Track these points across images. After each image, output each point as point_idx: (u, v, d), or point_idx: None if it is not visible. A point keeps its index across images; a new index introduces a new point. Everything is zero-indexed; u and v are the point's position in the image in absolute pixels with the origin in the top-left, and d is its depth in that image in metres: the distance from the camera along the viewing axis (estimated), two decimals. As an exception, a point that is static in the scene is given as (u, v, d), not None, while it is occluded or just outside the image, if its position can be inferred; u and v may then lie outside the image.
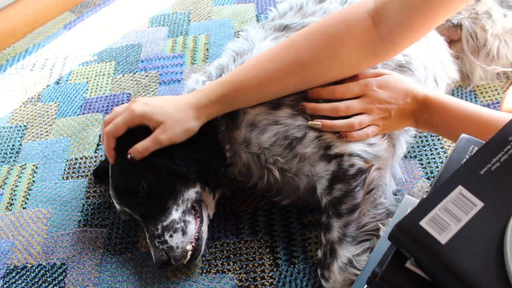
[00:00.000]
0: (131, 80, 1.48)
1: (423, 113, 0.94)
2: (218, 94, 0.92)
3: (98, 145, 1.30)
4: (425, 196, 0.50)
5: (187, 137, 0.94)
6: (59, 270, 1.04)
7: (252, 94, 0.93)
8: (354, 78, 0.96)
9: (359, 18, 0.88)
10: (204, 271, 1.00)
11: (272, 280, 0.97)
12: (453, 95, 1.25)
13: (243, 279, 0.98)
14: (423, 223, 0.46)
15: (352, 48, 0.89)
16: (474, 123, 0.87)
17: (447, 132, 0.93)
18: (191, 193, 0.98)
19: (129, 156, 0.93)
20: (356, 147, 0.92)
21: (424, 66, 1.09)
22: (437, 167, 1.11)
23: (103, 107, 1.41)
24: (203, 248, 0.98)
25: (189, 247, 0.94)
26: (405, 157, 1.14)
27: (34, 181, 1.24)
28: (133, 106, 0.93)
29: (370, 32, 0.88)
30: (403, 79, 0.96)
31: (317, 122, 0.93)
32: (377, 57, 0.93)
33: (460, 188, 0.48)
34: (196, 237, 0.96)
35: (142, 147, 0.92)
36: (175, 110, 0.92)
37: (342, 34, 0.89)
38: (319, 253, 0.92)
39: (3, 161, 1.31)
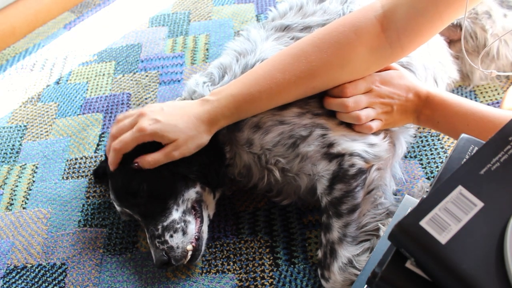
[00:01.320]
0: (131, 80, 1.48)
1: (424, 109, 0.94)
2: (231, 108, 0.91)
3: (98, 145, 1.30)
4: (425, 196, 0.50)
5: (197, 150, 0.93)
6: (59, 270, 1.04)
7: (262, 105, 0.93)
8: None
9: (368, 24, 0.88)
10: (204, 271, 1.00)
11: (272, 280, 0.97)
12: (453, 95, 1.25)
13: (243, 279, 0.98)
14: (423, 223, 0.46)
15: (361, 55, 0.90)
16: (475, 120, 0.88)
17: (448, 129, 0.94)
18: (191, 193, 0.98)
19: (135, 165, 0.92)
20: (357, 147, 0.92)
21: (424, 66, 1.09)
22: (437, 167, 1.11)
23: (103, 107, 1.41)
24: (203, 248, 0.98)
25: (189, 247, 0.95)
26: (405, 157, 1.14)
27: (34, 181, 1.24)
28: (143, 124, 0.90)
29: (379, 37, 0.88)
30: (407, 75, 0.97)
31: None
32: (386, 61, 0.93)
33: (460, 188, 0.48)
34: (196, 237, 0.96)
35: (153, 160, 0.91)
36: (187, 127, 0.90)
37: (352, 42, 0.89)
38: (319, 253, 0.92)
39: (3, 161, 1.31)
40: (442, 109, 0.92)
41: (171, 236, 0.94)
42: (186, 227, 0.95)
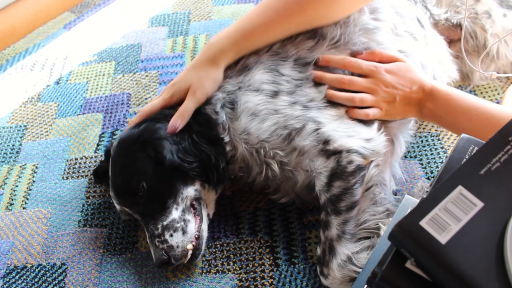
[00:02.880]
0: (131, 80, 1.48)
1: (428, 103, 0.95)
2: (229, 43, 1.01)
3: (98, 145, 1.30)
4: (425, 196, 0.50)
5: (217, 86, 1.02)
6: (59, 270, 1.04)
7: (260, 38, 1.02)
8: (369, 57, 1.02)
9: None
10: (204, 271, 1.00)
11: (272, 280, 0.97)
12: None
13: (243, 279, 0.98)
14: (423, 223, 0.46)
15: None
16: (477, 116, 0.89)
17: (450, 123, 0.94)
18: (190, 191, 0.98)
19: (173, 125, 0.98)
20: (354, 143, 0.92)
21: (422, 65, 1.09)
22: (437, 167, 1.11)
23: (103, 107, 1.41)
24: (203, 247, 0.98)
25: (189, 246, 0.95)
26: (405, 157, 1.14)
27: (34, 181, 1.24)
28: (165, 94, 1.04)
29: None
30: (414, 69, 0.99)
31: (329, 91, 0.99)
32: None
33: (460, 188, 0.48)
34: (196, 236, 0.96)
35: (184, 109, 0.98)
36: (195, 71, 1.01)
37: None
38: (318, 250, 0.92)
39: (3, 161, 1.31)
40: (446, 103, 0.93)
41: (171, 235, 0.94)
42: (186, 226, 0.95)
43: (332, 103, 0.98)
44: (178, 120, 0.98)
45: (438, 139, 1.17)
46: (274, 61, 1.01)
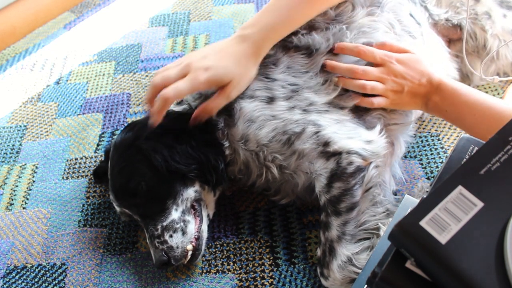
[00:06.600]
0: (131, 80, 1.48)
1: (434, 96, 0.96)
2: (260, 40, 0.96)
3: (98, 145, 1.30)
4: (425, 196, 0.50)
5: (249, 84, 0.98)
6: (59, 270, 1.04)
7: (284, 29, 0.99)
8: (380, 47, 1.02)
9: None
10: (204, 271, 1.00)
11: (272, 280, 0.97)
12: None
13: (243, 279, 0.98)
14: (423, 223, 0.46)
15: None
16: (482, 111, 0.90)
17: (455, 118, 0.95)
18: (190, 192, 0.98)
19: (198, 119, 0.96)
20: (354, 145, 0.92)
21: None
22: (437, 167, 1.11)
23: (103, 107, 1.41)
24: (203, 247, 0.98)
25: (189, 247, 0.95)
26: (405, 157, 1.14)
27: (34, 181, 1.24)
28: (195, 75, 0.92)
29: None
30: (424, 61, 0.99)
31: (335, 78, 0.99)
32: None
33: (460, 188, 0.48)
34: (196, 236, 0.96)
35: (216, 104, 0.95)
36: (236, 66, 0.94)
37: None
38: (319, 252, 0.92)
39: (3, 161, 1.31)
40: (452, 98, 0.94)
41: (171, 236, 0.94)
42: (185, 226, 0.95)
43: (332, 107, 0.98)
44: (204, 116, 0.96)
45: (438, 139, 1.17)
46: (263, 69, 1.01)
